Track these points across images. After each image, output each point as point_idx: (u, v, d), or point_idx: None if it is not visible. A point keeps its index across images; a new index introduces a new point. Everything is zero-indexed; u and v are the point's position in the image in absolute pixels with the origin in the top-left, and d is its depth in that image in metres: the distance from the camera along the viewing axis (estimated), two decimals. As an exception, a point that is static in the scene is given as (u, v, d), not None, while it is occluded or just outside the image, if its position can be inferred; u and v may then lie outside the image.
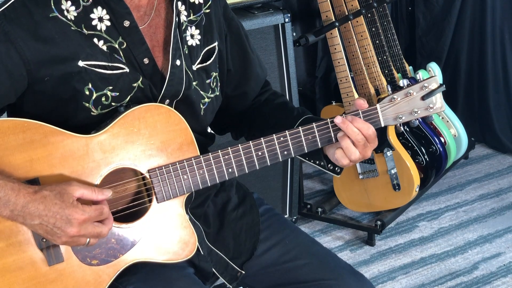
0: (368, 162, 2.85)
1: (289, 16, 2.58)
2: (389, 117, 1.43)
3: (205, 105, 1.49)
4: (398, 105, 1.42)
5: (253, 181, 2.69)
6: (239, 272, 1.56)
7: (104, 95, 1.36)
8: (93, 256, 1.34)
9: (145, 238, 1.38)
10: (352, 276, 1.52)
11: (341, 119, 1.39)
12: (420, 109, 1.42)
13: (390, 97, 1.42)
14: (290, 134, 1.41)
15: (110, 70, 1.35)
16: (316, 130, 1.41)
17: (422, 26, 3.59)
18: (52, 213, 1.24)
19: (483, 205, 3.13)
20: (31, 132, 1.30)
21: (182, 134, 1.39)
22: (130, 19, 1.37)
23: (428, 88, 1.41)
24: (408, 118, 1.43)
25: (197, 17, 1.49)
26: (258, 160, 1.41)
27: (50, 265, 1.31)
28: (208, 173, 1.39)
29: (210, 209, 1.56)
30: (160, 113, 1.37)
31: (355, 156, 1.41)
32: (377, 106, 1.42)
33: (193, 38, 1.48)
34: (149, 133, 1.36)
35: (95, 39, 1.35)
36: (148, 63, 1.40)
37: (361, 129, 1.39)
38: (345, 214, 3.09)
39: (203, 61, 1.49)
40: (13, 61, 1.30)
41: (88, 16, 1.34)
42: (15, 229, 1.28)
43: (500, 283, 2.59)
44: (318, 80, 3.45)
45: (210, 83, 1.50)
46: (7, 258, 1.29)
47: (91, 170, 1.33)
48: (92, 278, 1.35)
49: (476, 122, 3.68)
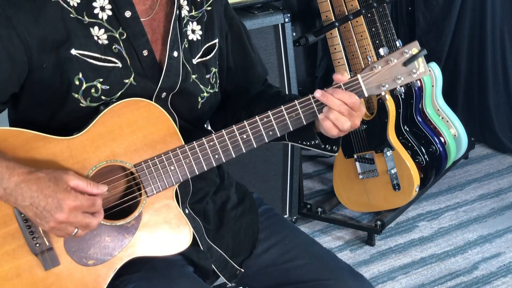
0: (368, 162, 2.85)
1: (289, 16, 2.58)
2: (372, 86, 1.41)
3: (203, 99, 1.49)
4: (380, 74, 1.40)
5: (253, 181, 2.69)
6: (238, 270, 1.56)
7: (94, 86, 1.35)
8: (89, 256, 1.34)
9: (139, 233, 1.38)
10: (351, 276, 1.53)
11: (320, 92, 1.39)
12: (403, 75, 1.40)
13: (371, 66, 1.40)
14: (273, 114, 1.40)
15: (102, 62, 1.36)
16: (299, 107, 1.41)
17: (422, 26, 3.59)
18: (43, 195, 1.23)
19: (483, 205, 3.13)
20: (12, 140, 1.29)
21: (164, 126, 1.38)
22: (132, 10, 1.38)
23: (409, 53, 1.40)
24: (391, 85, 1.41)
25: (198, 13, 1.50)
26: (244, 143, 1.41)
27: (46, 269, 1.31)
28: (194, 161, 1.39)
29: (209, 206, 1.56)
30: (140, 107, 1.36)
31: (347, 125, 1.39)
32: (358, 76, 1.40)
33: (194, 33, 1.48)
34: (131, 129, 1.35)
35: (96, 28, 1.35)
36: (147, 55, 1.40)
37: (342, 99, 1.38)
38: (345, 214, 3.09)
39: (203, 55, 1.50)
40: (15, 46, 1.30)
41: (90, 5, 1.35)
42: (9, 237, 1.28)
43: (500, 283, 2.59)
44: (318, 80, 3.45)
45: (209, 78, 1.51)
46: (3, 267, 1.28)
47: (76, 172, 1.32)
48: (91, 278, 1.34)
49: (476, 122, 3.68)
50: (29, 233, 1.30)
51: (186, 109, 1.46)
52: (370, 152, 2.83)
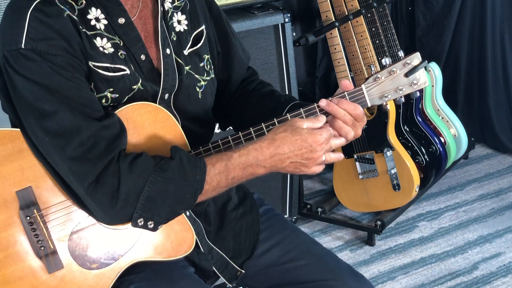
0: (368, 162, 2.85)
1: (289, 16, 2.58)
2: (375, 97, 1.42)
3: (202, 88, 1.49)
4: (383, 84, 1.42)
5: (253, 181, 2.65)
6: (239, 271, 1.56)
7: (104, 97, 1.35)
8: (92, 260, 1.34)
9: (143, 237, 1.38)
10: (352, 276, 1.53)
11: (326, 102, 1.40)
12: (405, 86, 1.42)
13: (374, 76, 1.42)
14: (279, 121, 1.40)
15: (112, 72, 1.35)
16: (304, 116, 1.41)
17: (422, 26, 3.59)
18: (297, 148, 1.33)
19: (483, 205, 3.13)
20: (19, 141, 1.30)
21: (171, 130, 1.38)
22: (125, 16, 1.37)
23: (411, 64, 1.41)
24: (393, 96, 1.43)
25: (181, 2, 1.49)
26: None
27: (50, 272, 1.31)
28: None
29: (210, 207, 1.56)
30: (148, 112, 1.36)
31: (351, 135, 1.41)
32: (362, 87, 1.41)
33: (180, 24, 1.48)
34: (138, 132, 1.36)
35: (98, 39, 1.34)
36: (145, 60, 1.40)
37: (347, 109, 1.39)
38: (345, 214, 3.09)
39: (193, 44, 1.49)
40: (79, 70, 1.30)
41: (85, 17, 1.34)
42: (12, 239, 1.28)
43: (500, 283, 2.59)
44: (318, 80, 3.45)
45: (204, 66, 1.50)
46: (7, 269, 1.29)
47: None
48: (93, 282, 1.34)
49: (476, 122, 3.68)
50: (34, 236, 1.30)
51: (188, 103, 1.46)
52: (370, 152, 2.83)
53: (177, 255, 1.40)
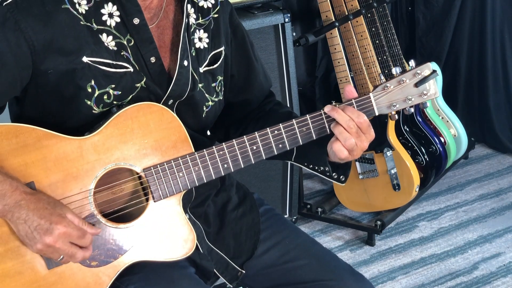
0: (368, 162, 2.85)
1: (289, 16, 2.58)
2: (383, 106, 1.41)
3: (208, 108, 1.50)
4: (392, 93, 1.41)
5: (253, 181, 2.69)
6: (239, 272, 1.56)
7: (106, 93, 1.36)
8: (92, 258, 1.34)
9: (144, 237, 1.38)
10: (352, 276, 1.53)
11: (330, 107, 1.39)
12: (414, 96, 1.41)
13: (383, 85, 1.41)
14: (284, 126, 1.40)
15: (114, 68, 1.36)
16: (310, 122, 1.41)
17: (422, 26, 3.59)
18: (38, 215, 1.24)
19: (483, 205, 3.13)
20: (24, 136, 1.29)
21: (175, 132, 1.38)
22: (140, 17, 1.37)
23: (421, 75, 1.40)
24: (402, 105, 1.42)
25: (205, 20, 1.49)
26: (253, 155, 1.41)
27: (49, 268, 1.31)
28: (203, 169, 1.39)
29: (210, 208, 1.56)
30: (153, 112, 1.36)
31: (350, 142, 1.38)
32: (370, 95, 1.41)
33: (201, 41, 1.48)
34: (142, 132, 1.36)
35: (104, 35, 1.35)
36: (154, 62, 1.40)
37: (351, 116, 1.38)
38: (345, 214, 3.09)
39: (210, 64, 1.49)
40: (22, 50, 1.30)
41: (98, 11, 1.35)
42: (13, 234, 1.28)
43: (500, 283, 2.59)
44: (318, 80, 3.45)
45: (215, 87, 1.51)
46: (6, 263, 1.28)
47: (86, 172, 1.33)
48: (92, 280, 1.35)
49: (476, 122, 3.68)
50: None
51: (190, 117, 1.46)
52: (370, 152, 2.83)
53: (177, 256, 1.40)
